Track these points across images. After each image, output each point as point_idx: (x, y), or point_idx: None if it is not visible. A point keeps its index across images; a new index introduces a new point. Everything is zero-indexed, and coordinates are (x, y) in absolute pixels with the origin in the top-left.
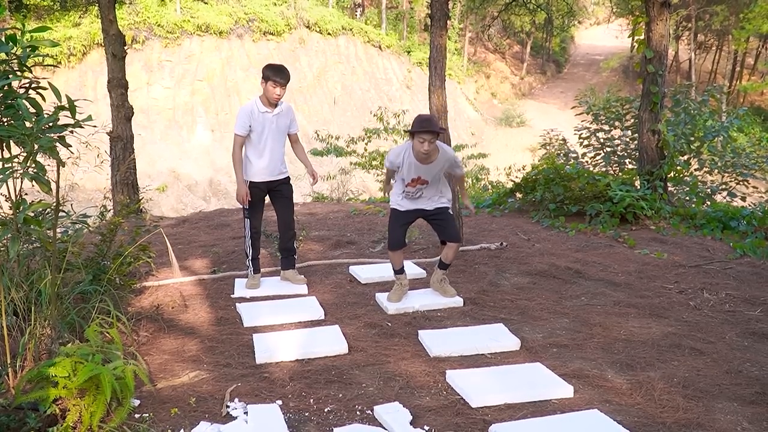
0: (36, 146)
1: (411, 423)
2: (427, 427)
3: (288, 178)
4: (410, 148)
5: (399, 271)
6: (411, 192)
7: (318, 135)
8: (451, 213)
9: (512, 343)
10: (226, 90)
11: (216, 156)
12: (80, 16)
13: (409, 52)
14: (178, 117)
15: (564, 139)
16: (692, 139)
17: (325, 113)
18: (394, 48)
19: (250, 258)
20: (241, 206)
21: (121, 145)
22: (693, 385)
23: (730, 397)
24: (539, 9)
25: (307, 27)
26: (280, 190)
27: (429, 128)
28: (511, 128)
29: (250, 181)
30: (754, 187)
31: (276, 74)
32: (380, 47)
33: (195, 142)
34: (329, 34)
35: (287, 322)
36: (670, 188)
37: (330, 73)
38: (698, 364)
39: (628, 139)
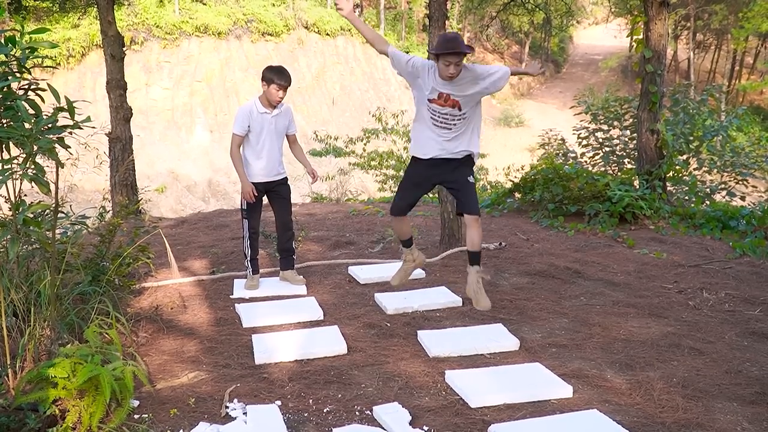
0: (35, 147)
1: (410, 423)
2: (426, 428)
3: (285, 179)
4: (436, 67)
5: (406, 242)
6: (438, 115)
7: (317, 135)
8: (472, 180)
9: (511, 343)
10: (224, 91)
11: (215, 157)
12: (79, 18)
13: (407, 52)
14: (177, 118)
15: (563, 139)
16: (691, 138)
17: (323, 114)
18: None
19: (248, 258)
20: (240, 207)
21: (120, 146)
22: (692, 385)
23: (730, 397)
24: (537, 9)
25: (306, 28)
26: (277, 190)
27: (456, 48)
28: (509, 128)
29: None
30: (753, 186)
31: (279, 77)
32: None
33: (194, 143)
34: (328, 34)
35: (286, 323)
36: (669, 188)
37: (329, 74)
38: (698, 364)
39: (626, 139)
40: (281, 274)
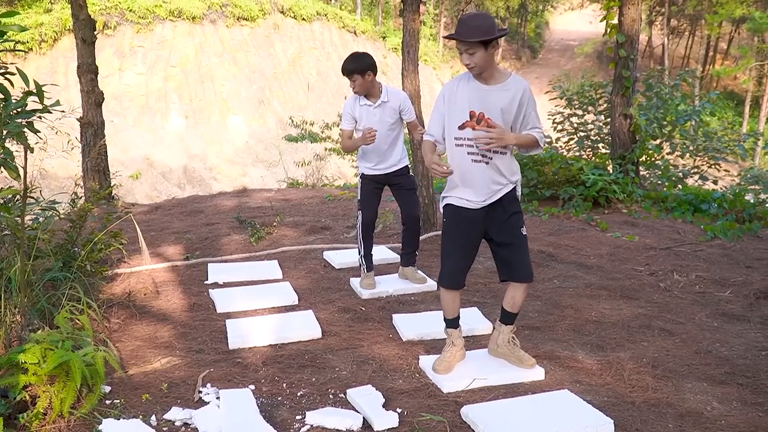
0: (4, 132)
1: (383, 405)
2: (399, 410)
3: (406, 168)
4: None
5: (451, 323)
6: (473, 144)
7: (292, 121)
8: (525, 234)
9: (485, 326)
10: (200, 76)
11: (190, 143)
12: (51, 2)
13: (384, 37)
14: (152, 103)
15: None
16: (664, 123)
17: (299, 99)
18: (369, 33)
19: (362, 255)
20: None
21: (92, 131)
22: (662, 365)
23: (700, 377)
24: None
25: (282, 12)
26: (400, 182)
27: (458, 36)
28: None
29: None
30: (725, 170)
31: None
32: (355, 33)
33: (169, 129)
34: (304, 19)
35: (260, 308)
36: (642, 172)
37: (305, 59)
38: (668, 345)
39: (601, 124)
40: (400, 271)
